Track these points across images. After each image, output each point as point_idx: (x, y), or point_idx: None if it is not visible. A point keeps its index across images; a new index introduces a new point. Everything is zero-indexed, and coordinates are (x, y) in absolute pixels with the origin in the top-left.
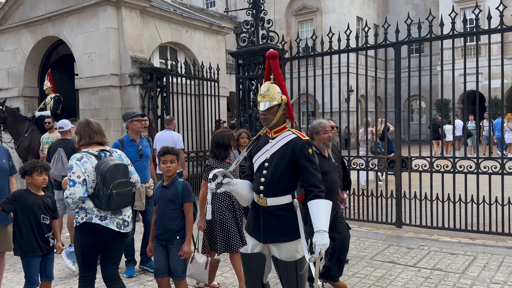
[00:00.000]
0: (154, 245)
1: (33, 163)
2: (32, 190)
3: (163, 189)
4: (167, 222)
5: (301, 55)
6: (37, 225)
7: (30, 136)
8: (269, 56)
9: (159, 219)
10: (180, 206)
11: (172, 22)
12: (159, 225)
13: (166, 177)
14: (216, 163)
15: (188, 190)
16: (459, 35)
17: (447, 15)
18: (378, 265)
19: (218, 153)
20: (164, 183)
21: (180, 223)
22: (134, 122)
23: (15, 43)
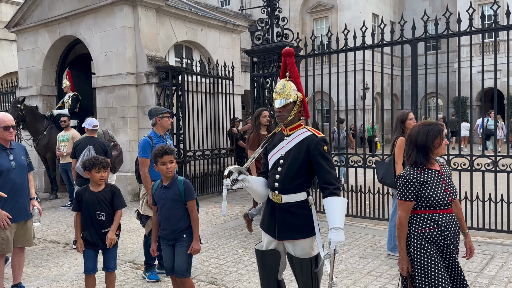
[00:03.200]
0: (162, 245)
1: (93, 160)
2: (91, 186)
3: (164, 189)
4: (174, 222)
5: (316, 53)
6: (93, 221)
7: (48, 134)
8: (285, 54)
9: (164, 220)
10: (183, 205)
11: (188, 21)
12: (165, 225)
13: (166, 177)
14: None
15: (190, 188)
16: (477, 31)
17: (465, 11)
18: (394, 264)
19: (418, 159)
20: (164, 183)
21: (186, 222)
22: (164, 118)
23: (34, 42)
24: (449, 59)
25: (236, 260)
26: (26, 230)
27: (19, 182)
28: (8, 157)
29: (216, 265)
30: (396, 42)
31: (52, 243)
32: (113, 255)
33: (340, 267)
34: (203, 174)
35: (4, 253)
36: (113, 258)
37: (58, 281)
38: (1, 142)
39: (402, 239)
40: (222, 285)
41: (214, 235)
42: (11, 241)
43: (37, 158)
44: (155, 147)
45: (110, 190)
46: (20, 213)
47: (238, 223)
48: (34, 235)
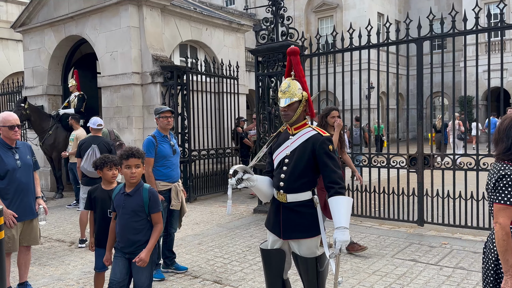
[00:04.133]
0: (115, 255)
1: (104, 159)
2: (103, 184)
3: (125, 197)
4: (131, 234)
5: (321, 52)
6: (105, 219)
7: (54, 133)
8: (290, 53)
9: (122, 230)
10: (146, 217)
11: (192, 21)
12: (122, 237)
13: (129, 183)
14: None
15: (155, 199)
16: (483, 30)
17: (471, 10)
18: (399, 263)
19: None
20: (126, 189)
21: (146, 234)
22: (160, 118)
23: (40, 42)
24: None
25: (241, 259)
26: (32, 229)
27: (25, 181)
28: (14, 156)
29: (221, 264)
30: (401, 41)
31: (58, 242)
32: None
33: (345, 266)
34: (208, 174)
35: (11, 251)
36: None
37: (64, 280)
38: (6, 141)
39: (510, 254)
40: (227, 284)
41: (219, 234)
42: (17, 239)
43: (43, 157)
44: (159, 146)
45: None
46: (26, 212)
47: (242, 222)
48: (40, 234)
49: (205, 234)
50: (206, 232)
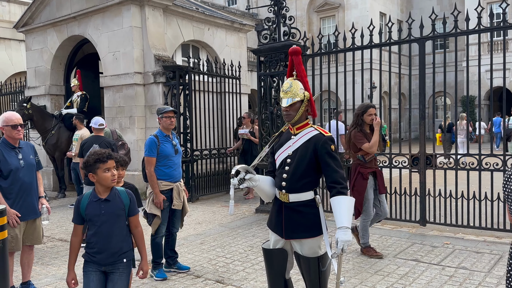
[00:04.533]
0: (87, 271)
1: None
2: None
3: (102, 203)
4: (115, 242)
5: (323, 52)
6: None
7: (57, 133)
8: (292, 52)
9: (103, 241)
10: (126, 222)
11: (195, 20)
12: (101, 248)
13: (106, 188)
14: None
15: (135, 201)
16: (485, 30)
17: (473, 10)
18: (401, 263)
19: None
20: (101, 195)
21: (128, 242)
22: (163, 118)
23: (42, 42)
24: (457, 58)
25: (243, 259)
26: (35, 228)
27: (28, 181)
28: (17, 156)
29: (223, 264)
30: (403, 40)
31: (61, 242)
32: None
33: (348, 266)
34: (210, 173)
35: (14, 251)
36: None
37: None
38: (9, 141)
39: None
40: (229, 283)
41: (221, 234)
42: (20, 239)
43: (46, 157)
44: (162, 146)
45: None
46: (29, 211)
47: (245, 222)
48: (43, 233)
49: (207, 233)
50: (208, 231)
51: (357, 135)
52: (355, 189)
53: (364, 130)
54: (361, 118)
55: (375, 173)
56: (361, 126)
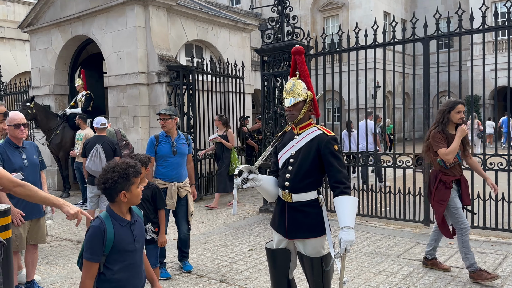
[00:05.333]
0: None
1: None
2: None
3: (132, 227)
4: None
5: (327, 51)
6: None
7: (61, 132)
8: (294, 52)
9: (135, 275)
10: None
11: (198, 20)
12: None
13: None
14: None
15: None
16: (490, 29)
17: (478, 9)
18: (405, 263)
19: None
20: (126, 217)
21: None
22: (158, 119)
23: (46, 42)
24: (462, 57)
25: (246, 259)
26: (39, 227)
27: (32, 180)
28: (21, 155)
29: (226, 263)
30: (408, 40)
31: (65, 241)
32: (153, 253)
33: (351, 266)
34: (213, 173)
35: (18, 250)
36: (153, 256)
37: (70, 279)
38: (13, 140)
39: None
40: (233, 283)
41: (225, 234)
42: (25, 238)
43: (50, 156)
44: (159, 146)
45: (151, 189)
46: (33, 210)
47: (248, 222)
48: (47, 232)
49: (210, 233)
50: (211, 231)
51: (436, 137)
52: (436, 199)
53: (447, 131)
54: (447, 115)
55: (459, 181)
56: (444, 126)
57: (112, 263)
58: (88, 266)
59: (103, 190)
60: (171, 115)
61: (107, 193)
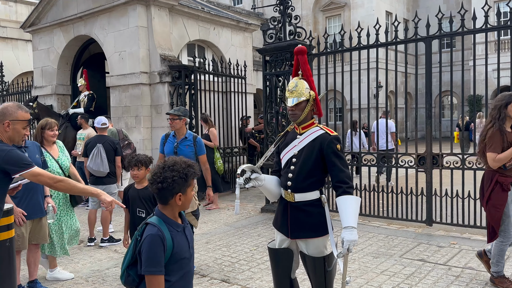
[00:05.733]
0: None
1: (130, 158)
2: (135, 183)
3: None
4: None
5: (329, 51)
6: (135, 217)
7: (64, 132)
8: (297, 52)
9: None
10: None
11: (200, 20)
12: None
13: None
14: None
15: None
16: (492, 28)
17: (480, 8)
18: (407, 263)
19: None
20: (178, 221)
21: None
22: (168, 119)
23: (49, 42)
24: (464, 57)
25: (248, 258)
26: (41, 227)
27: None
28: None
29: (228, 263)
30: (410, 39)
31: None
32: None
33: (353, 266)
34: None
35: (20, 249)
36: None
37: (73, 278)
38: None
39: None
40: (235, 283)
41: (227, 233)
42: (27, 237)
43: None
44: (166, 145)
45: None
46: (35, 210)
47: (250, 222)
48: (49, 232)
49: (212, 233)
50: (213, 231)
51: (494, 136)
52: (491, 202)
53: (504, 129)
54: (504, 110)
55: None
56: (502, 122)
57: (171, 274)
58: (155, 281)
59: (159, 190)
60: (179, 116)
61: (161, 194)
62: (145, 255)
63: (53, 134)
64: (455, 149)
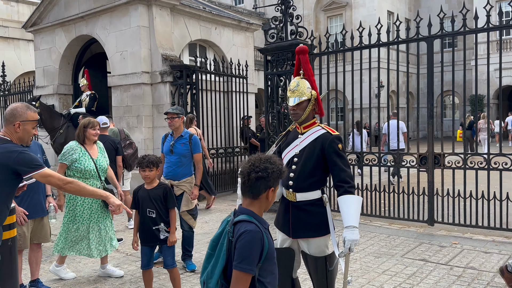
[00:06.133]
0: None
1: (140, 159)
2: (145, 184)
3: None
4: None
5: (331, 50)
6: (145, 218)
7: (65, 132)
8: (299, 51)
9: None
10: None
11: (202, 20)
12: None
13: None
14: None
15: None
16: (494, 28)
17: (482, 8)
18: (409, 263)
19: None
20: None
21: None
22: (166, 119)
23: (50, 42)
24: (466, 57)
25: None
26: (42, 226)
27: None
28: None
29: None
30: (411, 39)
31: None
32: (169, 252)
33: (355, 266)
34: (217, 173)
35: (22, 249)
36: (169, 255)
37: (74, 277)
38: None
39: None
40: None
41: None
42: (28, 237)
43: (54, 156)
44: (165, 143)
45: (163, 188)
46: (36, 209)
47: None
48: (51, 231)
49: (214, 232)
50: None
51: None
52: None
53: None
54: None
55: None
56: None
57: (265, 276)
58: (244, 279)
59: (256, 179)
60: (178, 114)
61: (256, 184)
62: (242, 250)
63: (95, 133)
64: (457, 149)
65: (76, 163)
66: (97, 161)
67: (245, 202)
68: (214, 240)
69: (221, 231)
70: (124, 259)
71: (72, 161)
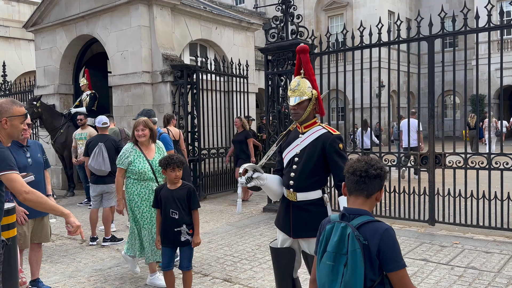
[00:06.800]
0: None
1: (168, 159)
2: (168, 184)
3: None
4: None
5: (331, 50)
6: (167, 218)
7: (66, 132)
8: (299, 51)
9: None
10: None
11: (202, 19)
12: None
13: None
14: None
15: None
16: (495, 27)
17: (483, 8)
18: (410, 263)
19: None
20: None
21: None
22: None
23: (51, 41)
24: (467, 56)
25: (250, 258)
26: (43, 226)
27: (36, 179)
28: (25, 154)
29: (230, 262)
30: (412, 39)
31: (69, 240)
32: (187, 254)
33: None
34: (218, 172)
35: (22, 248)
36: (186, 258)
37: (75, 277)
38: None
39: None
40: (237, 282)
41: (229, 233)
42: (28, 236)
43: (55, 155)
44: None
45: (187, 189)
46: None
47: (252, 221)
48: (51, 231)
49: (214, 232)
50: (215, 230)
51: None
52: None
53: None
54: None
55: None
56: None
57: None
58: (406, 274)
59: (375, 177)
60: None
61: (374, 182)
62: (393, 249)
63: (137, 134)
64: (458, 149)
65: (131, 165)
66: (152, 162)
67: (356, 201)
68: (333, 251)
69: (338, 239)
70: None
71: (128, 163)
